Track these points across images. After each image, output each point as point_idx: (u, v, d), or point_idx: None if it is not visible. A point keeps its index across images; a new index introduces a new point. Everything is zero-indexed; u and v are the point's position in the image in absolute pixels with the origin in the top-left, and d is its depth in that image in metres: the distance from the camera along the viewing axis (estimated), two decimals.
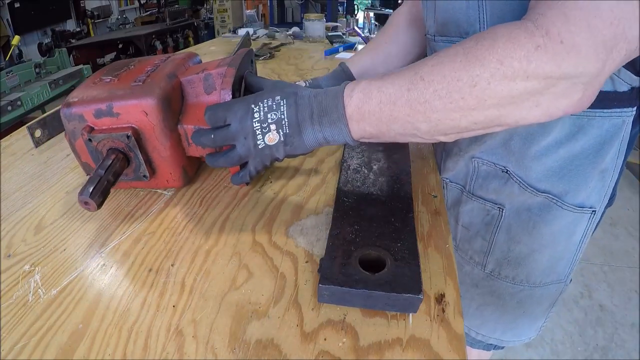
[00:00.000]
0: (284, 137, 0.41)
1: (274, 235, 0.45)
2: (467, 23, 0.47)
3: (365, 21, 6.25)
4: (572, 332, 1.50)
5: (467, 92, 0.33)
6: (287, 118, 0.40)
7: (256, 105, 0.41)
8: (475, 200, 0.61)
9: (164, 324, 0.34)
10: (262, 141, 0.41)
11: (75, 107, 0.45)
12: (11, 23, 3.93)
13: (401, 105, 0.36)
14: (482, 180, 0.58)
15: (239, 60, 0.49)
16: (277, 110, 0.40)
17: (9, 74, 2.36)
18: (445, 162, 0.65)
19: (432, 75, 0.35)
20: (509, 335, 0.68)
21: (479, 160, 0.57)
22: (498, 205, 0.58)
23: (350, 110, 0.39)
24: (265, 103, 0.41)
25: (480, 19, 0.45)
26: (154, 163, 0.49)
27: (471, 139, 0.56)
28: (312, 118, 0.40)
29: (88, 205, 0.39)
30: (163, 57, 0.56)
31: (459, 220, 0.65)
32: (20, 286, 0.38)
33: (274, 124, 0.40)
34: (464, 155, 0.59)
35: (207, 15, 5.72)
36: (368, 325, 0.35)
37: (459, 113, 0.34)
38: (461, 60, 0.33)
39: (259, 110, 0.41)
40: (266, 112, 0.40)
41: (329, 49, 1.41)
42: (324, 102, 0.40)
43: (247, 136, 0.41)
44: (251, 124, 0.41)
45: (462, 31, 0.48)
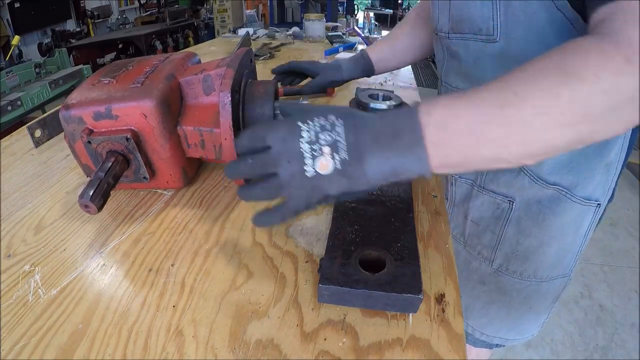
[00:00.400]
0: (341, 164, 0.31)
1: (274, 235, 0.45)
2: (481, 20, 0.47)
3: (365, 21, 6.25)
4: (572, 332, 1.50)
5: (567, 108, 0.30)
6: (346, 140, 0.32)
7: (304, 123, 0.33)
8: (486, 194, 0.61)
9: (164, 324, 0.34)
10: (312, 167, 0.32)
11: (74, 109, 0.45)
12: (11, 23, 3.93)
13: (495, 125, 0.31)
14: (492, 174, 0.59)
15: (237, 61, 0.49)
16: (332, 131, 0.32)
17: (9, 74, 2.36)
18: None
19: (528, 91, 0.31)
20: (513, 333, 0.69)
21: None
22: (508, 199, 0.58)
23: (430, 131, 0.31)
24: (317, 122, 0.33)
25: (494, 17, 0.46)
26: (154, 164, 0.49)
27: None
28: (379, 142, 0.32)
29: (88, 208, 0.39)
30: (162, 57, 0.56)
31: (468, 215, 0.66)
32: (20, 286, 0.38)
33: (327, 147, 0.32)
34: None
35: (207, 15, 5.71)
36: (368, 325, 0.35)
37: (558, 131, 0.31)
38: (556, 75, 0.31)
39: (308, 130, 0.32)
40: (318, 132, 0.32)
41: (329, 49, 1.40)
42: (394, 122, 0.33)
43: (291, 159, 0.32)
44: (297, 144, 0.32)
45: (476, 28, 0.49)
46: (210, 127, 0.48)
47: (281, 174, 0.33)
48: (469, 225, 0.66)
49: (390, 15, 8.52)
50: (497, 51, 0.48)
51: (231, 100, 0.44)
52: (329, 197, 0.33)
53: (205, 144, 0.50)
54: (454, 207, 0.70)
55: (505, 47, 0.47)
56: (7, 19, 3.88)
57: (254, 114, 0.50)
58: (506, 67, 0.47)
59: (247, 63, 0.54)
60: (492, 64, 0.50)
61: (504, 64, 0.49)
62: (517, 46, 0.46)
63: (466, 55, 0.53)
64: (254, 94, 0.50)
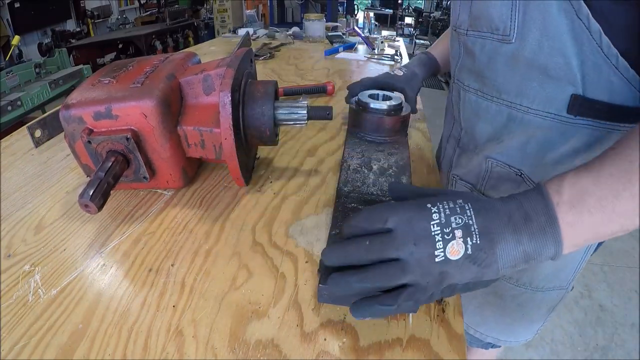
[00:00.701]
0: (473, 249, 0.29)
1: (274, 235, 0.45)
2: (499, 19, 0.47)
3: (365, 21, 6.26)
4: (572, 332, 1.50)
5: None
6: (477, 224, 0.30)
7: (434, 206, 0.31)
8: None
9: (164, 324, 0.34)
10: (442, 252, 0.29)
11: (74, 109, 0.45)
12: (11, 23, 3.93)
13: (625, 199, 0.29)
14: (494, 181, 0.58)
15: (238, 61, 0.49)
16: (463, 214, 0.30)
17: (9, 74, 2.36)
18: (459, 157, 0.65)
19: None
20: (506, 335, 0.69)
21: (494, 161, 0.56)
22: None
23: (562, 211, 0.30)
24: (446, 204, 0.31)
25: (512, 16, 0.45)
26: (154, 164, 0.49)
27: (489, 136, 0.57)
28: (510, 225, 0.30)
29: (88, 208, 0.39)
30: (162, 57, 0.56)
31: None
32: (20, 286, 0.38)
33: (459, 230, 0.29)
34: (480, 153, 0.59)
35: (207, 15, 5.72)
36: (368, 325, 0.35)
37: None
38: None
39: (438, 211, 0.30)
40: (448, 214, 0.30)
41: (329, 49, 1.41)
42: (523, 203, 0.31)
43: (419, 242, 0.29)
44: (428, 226, 0.30)
45: (493, 26, 0.48)
46: (210, 127, 0.48)
47: (406, 258, 0.29)
48: None
49: (390, 15, 8.51)
50: (510, 52, 0.48)
51: (231, 100, 0.44)
52: (454, 287, 0.31)
53: (205, 143, 0.50)
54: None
55: (519, 49, 0.46)
56: (7, 19, 3.88)
57: (254, 113, 0.50)
58: (516, 70, 0.48)
59: (247, 63, 0.54)
60: (503, 65, 0.50)
61: (515, 66, 0.48)
62: (531, 50, 0.45)
63: (481, 53, 0.53)
64: (254, 94, 0.50)
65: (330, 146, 0.67)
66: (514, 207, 0.31)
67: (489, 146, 0.57)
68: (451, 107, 0.67)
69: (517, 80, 0.49)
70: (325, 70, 1.17)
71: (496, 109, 0.53)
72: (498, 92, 0.52)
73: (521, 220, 0.30)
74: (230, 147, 0.45)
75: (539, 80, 0.46)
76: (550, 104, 0.47)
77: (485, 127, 0.57)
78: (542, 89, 0.46)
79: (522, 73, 0.48)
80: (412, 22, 8.58)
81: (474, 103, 0.57)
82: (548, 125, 0.48)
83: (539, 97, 0.47)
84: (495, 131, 0.55)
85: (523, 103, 0.49)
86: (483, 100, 0.55)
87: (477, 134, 0.59)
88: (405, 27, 8.55)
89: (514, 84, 0.49)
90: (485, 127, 0.57)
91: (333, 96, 0.94)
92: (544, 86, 0.46)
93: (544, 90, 0.46)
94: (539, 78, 0.46)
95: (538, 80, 0.46)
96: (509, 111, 0.52)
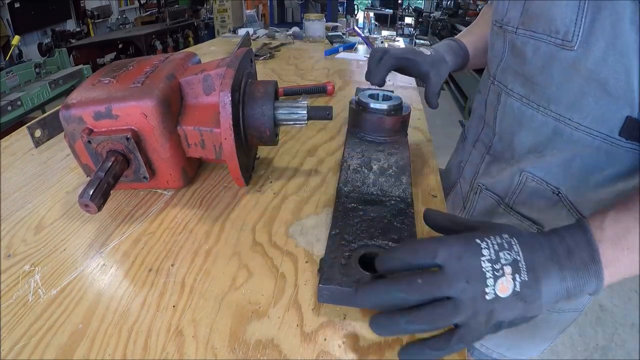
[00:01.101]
0: (520, 286, 0.28)
1: (274, 235, 0.45)
2: (560, 21, 0.43)
3: (365, 21, 6.26)
4: (572, 332, 1.50)
5: None
6: (525, 260, 0.29)
7: (482, 241, 0.29)
8: (513, 215, 0.57)
9: (164, 324, 0.34)
10: (493, 289, 0.28)
11: (74, 109, 0.45)
12: (11, 23, 3.93)
13: None
14: (526, 196, 0.55)
15: (238, 61, 0.49)
16: (511, 250, 0.29)
17: (9, 74, 2.36)
18: (488, 165, 0.61)
19: None
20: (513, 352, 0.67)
21: (529, 175, 0.53)
22: (537, 226, 0.55)
23: (605, 247, 0.30)
24: (494, 240, 0.30)
25: (577, 20, 0.41)
26: (154, 164, 0.49)
27: (530, 148, 0.53)
28: (554, 261, 0.30)
29: (88, 207, 0.39)
30: (162, 57, 0.56)
31: None
32: (20, 286, 0.38)
33: (509, 266, 0.28)
34: (514, 165, 0.55)
35: (207, 15, 5.72)
36: (368, 325, 0.35)
37: None
38: None
39: (487, 247, 0.29)
40: (497, 251, 0.29)
41: (329, 49, 1.41)
42: (565, 238, 0.31)
43: (471, 279, 0.28)
44: (478, 263, 0.28)
45: (553, 30, 0.44)
46: (210, 127, 0.48)
47: (458, 297, 0.28)
48: None
49: (390, 15, 8.51)
50: (571, 61, 0.43)
51: (231, 100, 0.44)
52: (499, 324, 0.29)
53: (205, 143, 0.50)
54: (471, 217, 0.65)
55: (581, 58, 0.42)
56: (7, 19, 3.88)
57: (254, 113, 0.50)
58: (573, 80, 0.44)
59: (247, 63, 0.54)
60: (561, 74, 0.45)
61: (572, 76, 0.44)
62: (594, 61, 0.41)
63: (534, 57, 0.48)
64: (254, 94, 0.50)
65: (330, 146, 0.67)
66: (557, 241, 0.31)
67: (528, 159, 0.53)
68: (483, 108, 0.63)
69: (572, 92, 0.45)
70: (325, 70, 1.17)
71: (542, 120, 0.50)
72: (547, 102, 0.48)
73: (565, 256, 0.30)
74: (230, 147, 0.45)
75: (596, 95, 0.43)
76: (603, 123, 0.44)
77: (526, 138, 0.53)
78: (597, 106, 0.43)
79: (579, 85, 0.44)
80: (412, 22, 8.59)
81: (517, 110, 0.53)
82: (597, 145, 0.45)
83: (592, 113, 0.44)
84: (538, 144, 0.52)
85: (574, 118, 0.46)
86: (528, 109, 0.51)
87: (516, 143, 0.55)
88: (405, 27, 8.56)
89: (567, 96, 0.46)
90: (526, 138, 0.53)
91: (333, 96, 0.94)
92: (599, 103, 0.43)
93: (599, 107, 0.43)
94: (596, 93, 0.43)
95: (594, 96, 0.43)
96: (556, 124, 0.48)
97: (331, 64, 1.25)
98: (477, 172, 0.65)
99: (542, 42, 0.46)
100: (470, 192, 0.66)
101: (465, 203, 0.68)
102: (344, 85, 1.03)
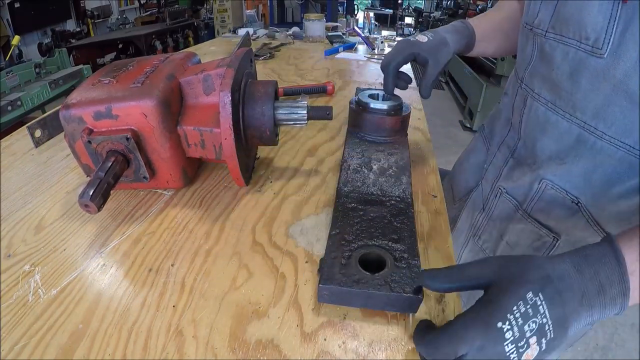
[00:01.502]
0: (546, 344, 0.28)
1: (274, 235, 0.45)
2: (591, 27, 0.42)
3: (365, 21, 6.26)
4: None
5: None
6: (551, 318, 0.28)
7: (505, 321, 0.28)
8: (530, 222, 0.56)
9: (164, 324, 0.34)
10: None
11: (74, 109, 0.45)
12: (11, 23, 3.93)
13: None
14: (545, 204, 0.54)
15: (238, 61, 0.49)
16: (536, 315, 0.28)
17: (9, 74, 2.36)
18: (511, 169, 0.61)
19: None
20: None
21: (549, 183, 0.53)
22: (554, 234, 0.54)
23: (635, 280, 0.29)
24: (517, 311, 0.28)
25: (608, 27, 0.40)
26: (154, 164, 0.49)
27: (552, 154, 0.52)
28: (584, 303, 0.29)
29: (88, 207, 0.39)
30: (162, 57, 0.56)
31: (505, 236, 0.61)
32: (20, 286, 0.38)
33: (534, 337, 0.28)
34: (536, 171, 0.55)
35: (207, 15, 5.72)
36: (368, 325, 0.35)
37: None
38: None
39: (511, 327, 0.28)
40: (522, 325, 0.28)
41: (329, 49, 1.41)
42: (599, 273, 0.29)
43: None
44: (502, 349, 0.28)
45: (583, 35, 0.43)
46: (210, 127, 0.48)
47: None
48: (502, 246, 0.61)
49: (390, 15, 8.52)
50: (600, 69, 0.42)
51: (231, 100, 0.44)
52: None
53: (205, 143, 0.50)
54: (491, 221, 0.65)
55: (610, 67, 0.41)
56: (7, 19, 3.88)
57: (254, 113, 0.50)
58: (603, 90, 0.43)
59: (247, 63, 0.54)
60: (588, 82, 0.44)
61: (602, 86, 0.43)
62: (624, 71, 0.40)
63: (562, 62, 0.47)
64: (254, 94, 0.50)
65: (330, 146, 0.67)
66: (589, 277, 0.29)
67: (549, 165, 0.53)
68: (510, 111, 0.62)
69: (599, 101, 0.44)
70: (325, 70, 1.17)
71: (566, 127, 0.49)
72: (573, 109, 0.48)
73: (595, 294, 0.29)
74: (230, 147, 0.45)
75: (622, 106, 0.42)
76: (629, 134, 0.43)
77: (549, 144, 0.52)
78: (623, 116, 0.43)
79: (606, 94, 0.43)
80: (412, 22, 8.59)
81: (542, 115, 0.52)
82: (620, 157, 0.45)
83: (617, 123, 0.44)
84: (560, 151, 0.51)
85: (599, 127, 0.45)
86: (553, 114, 0.51)
87: (539, 149, 0.54)
88: (405, 27, 8.56)
89: (593, 104, 0.45)
90: (549, 144, 0.52)
91: (333, 96, 0.94)
92: (625, 113, 0.42)
93: (624, 118, 0.43)
94: (622, 104, 0.42)
95: (621, 106, 0.42)
96: (580, 131, 0.48)
97: (331, 64, 1.25)
98: (500, 175, 0.64)
99: (571, 47, 0.45)
100: (491, 194, 0.65)
101: (485, 205, 0.67)
102: (344, 85, 1.03)
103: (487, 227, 0.66)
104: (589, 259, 0.30)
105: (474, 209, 0.71)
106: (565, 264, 0.30)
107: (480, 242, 0.68)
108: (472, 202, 0.73)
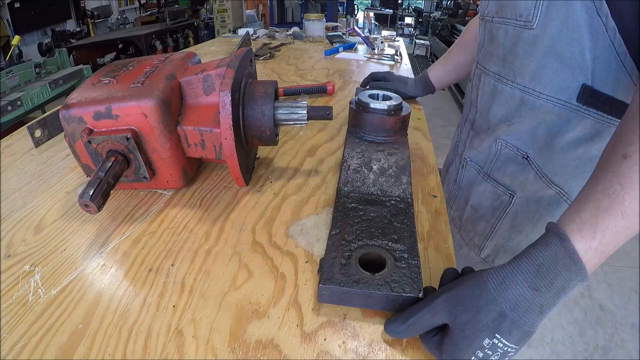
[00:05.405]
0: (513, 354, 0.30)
1: (274, 235, 0.45)
2: (523, 6, 0.51)
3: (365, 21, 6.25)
4: (572, 332, 1.50)
5: None
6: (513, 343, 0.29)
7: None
8: (490, 183, 0.64)
9: (164, 324, 0.34)
10: None
11: (74, 109, 0.45)
12: (11, 23, 3.94)
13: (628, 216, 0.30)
14: (501, 163, 0.62)
15: (237, 61, 0.49)
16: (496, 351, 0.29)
17: (9, 74, 2.36)
18: (472, 139, 0.70)
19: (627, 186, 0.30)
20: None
21: (503, 142, 0.61)
22: (510, 192, 0.61)
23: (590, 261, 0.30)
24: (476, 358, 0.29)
25: (536, 4, 0.49)
26: (154, 164, 0.49)
27: (502, 118, 0.60)
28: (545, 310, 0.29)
29: (88, 207, 0.39)
30: (162, 57, 0.56)
31: (469, 200, 0.68)
32: (20, 286, 0.38)
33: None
34: (491, 135, 0.63)
35: (207, 15, 5.72)
36: (368, 325, 0.35)
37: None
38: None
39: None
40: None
41: (329, 49, 1.41)
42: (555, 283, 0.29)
43: None
44: None
45: (517, 13, 0.52)
46: (210, 127, 0.48)
47: None
48: (467, 210, 0.69)
49: (390, 15, 8.52)
50: (531, 38, 0.51)
51: (231, 100, 0.44)
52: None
53: (205, 143, 0.50)
54: (460, 190, 0.73)
55: (539, 36, 0.50)
56: (7, 19, 3.88)
57: (254, 113, 0.50)
58: (534, 55, 0.52)
59: (247, 63, 0.54)
60: (524, 51, 0.53)
61: (533, 51, 0.52)
62: (550, 37, 0.49)
63: (505, 39, 0.56)
64: (254, 94, 0.50)
65: (330, 146, 0.67)
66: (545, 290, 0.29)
67: (501, 128, 0.61)
68: (470, 92, 0.72)
69: (534, 66, 0.52)
70: (325, 70, 1.17)
71: (510, 92, 0.57)
72: (514, 76, 0.56)
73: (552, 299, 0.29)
74: (230, 147, 0.45)
75: (554, 67, 0.50)
76: (562, 91, 0.51)
77: (498, 109, 0.61)
78: (555, 77, 0.50)
79: (539, 59, 0.51)
80: (412, 22, 8.58)
81: (492, 86, 0.61)
82: (557, 112, 0.52)
83: (551, 83, 0.51)
84: (508, 113, 0.59)
85: (536, 88, 0.53)
86: (499, 84, 0.59)
87: (491, 115, 0.63)
88: (405, 27, 8.55)
89: (530, 69, 0.53)
90: (498, 109, 0.61)
91: (333, 96, 0.94)
92: (557, 74, 0.50)
93: (557, 78, 0.50)
94: (553, 65, 0.50)
95: (552, 68, 0.50)
96: (522, 95, 0.56)
97: (331, 64, 1.25)
98: (465, 148, 0.72)
99: (510, 25, 0.55)
100: (459, 166, 0.73)
101: (456, 177, 0.75)
102: (344, 85, 1.03)
103: (457, 197, 0.74)
104: (541, 270, 0.29)
105: (448, 183, 0.80)
106: (518, 287, 0.29)
107: (452, 212, 0.77)
108: (448, 177, 0.82)
